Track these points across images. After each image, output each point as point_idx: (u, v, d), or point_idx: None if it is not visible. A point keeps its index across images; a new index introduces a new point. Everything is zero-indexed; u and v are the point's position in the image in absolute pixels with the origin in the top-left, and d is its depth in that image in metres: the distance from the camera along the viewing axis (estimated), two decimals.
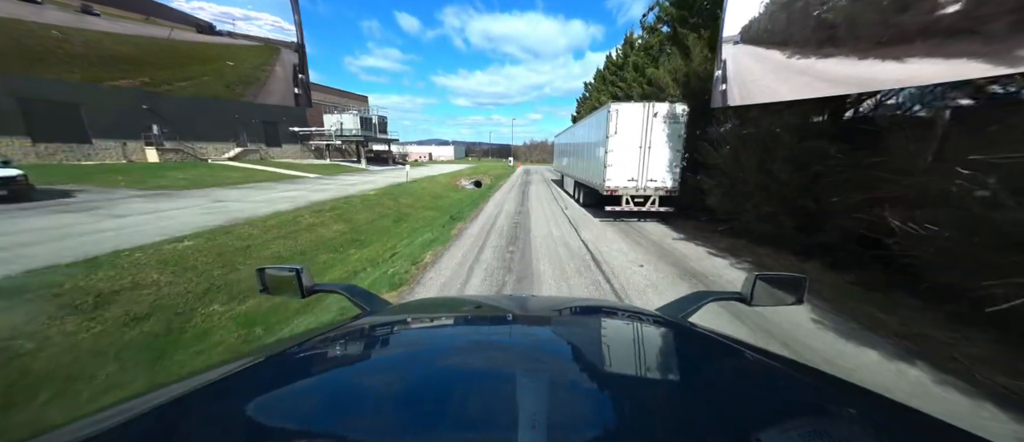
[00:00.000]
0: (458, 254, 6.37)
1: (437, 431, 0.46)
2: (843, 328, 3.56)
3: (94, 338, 3.96)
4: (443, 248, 6.77)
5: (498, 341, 0.85)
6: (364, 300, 1.23)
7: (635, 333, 0.94)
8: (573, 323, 1.06)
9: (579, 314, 1.17)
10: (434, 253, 6.40)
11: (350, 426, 0.49)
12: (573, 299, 3.15)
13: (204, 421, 0.51)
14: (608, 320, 1.08)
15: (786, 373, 0.72)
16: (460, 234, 8.16)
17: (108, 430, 0.46)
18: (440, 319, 1.09)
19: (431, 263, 5.84)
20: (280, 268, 1.19)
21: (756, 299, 1.13)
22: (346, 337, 0.86)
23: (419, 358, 0.75)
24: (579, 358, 0.77)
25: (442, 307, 1.35)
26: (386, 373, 0.67)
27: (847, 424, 0.55)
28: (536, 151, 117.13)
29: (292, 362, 0.71)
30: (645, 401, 0.58)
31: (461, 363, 0.70)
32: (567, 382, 0.63)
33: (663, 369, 0.76)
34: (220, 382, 0.59)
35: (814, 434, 0.50)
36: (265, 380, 0.64)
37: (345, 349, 0.81)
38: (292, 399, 0.58)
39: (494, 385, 0.60)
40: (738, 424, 0.51)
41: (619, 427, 0.50)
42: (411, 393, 0.56)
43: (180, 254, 6.31)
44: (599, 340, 0.91)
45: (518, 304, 1.20)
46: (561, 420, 0.47)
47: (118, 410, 0.51)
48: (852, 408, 0.59)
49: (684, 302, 1.23)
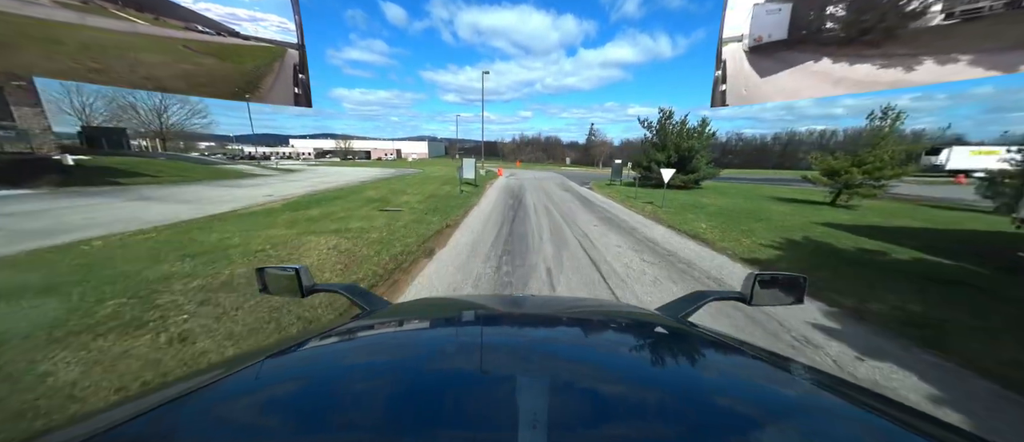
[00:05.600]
0: None
1: (437, 431, 0.46)
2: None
3: None
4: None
5: (498, 341, 0.86)
6: (364, 300, 1.22)
7: (635, 333, 0.97)
8: (573, 323, 1.04)
9: (579, 314, 1.17)
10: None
11: (350, 426, 0.49)
12: (573, 299, 2.91)
13: (204, 421, 0.50)
14: (608, 320, 1.10)
15: (786, 373, 0.72)
16: None
17: (108, 430, 0.46)
18: (440, 319, 1.07)
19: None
20: (280, 268, 1.19)
21: (756, 299, 1.15)
22: (346, 337, 0.86)
23: (419, 358, 0.74)
24: (579, 358, 0.77)
25: (442, 307, 1.31)
26: (386, 373, 0.65)
27: (847, 424, 0.54)
28: (528, 149, 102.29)
29: (292, 362, 0.71)
30: (645, 401, 0.58)
31: (461, 363, 0.71)
32: (567, 382, 0.62)
33: (663, 369, 0.75)
34: (220, 382, 0.59)
35: (814, 434, 0.50)
36: (265, 380, 0.62)
37: (345, 349, 0.80)
38: (292, 399, 0.56)
39: (494, 385, 0.60)
40: (738, 424, 0.51)
41: (619, 427, 0.48)
42: (411, 393, 0.55)
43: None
44: (599, 340, 0.92)
45: (518, 304, 1.25)
46: (561, 420, 0.47)
47: (118, 410, 0.51)
48: (852, 408, 0.58)
49: (684, 302, 1.23)
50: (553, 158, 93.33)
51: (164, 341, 2.83)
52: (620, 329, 0.98)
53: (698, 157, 17.48)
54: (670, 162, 17.19)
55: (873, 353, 3.05)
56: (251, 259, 4.95)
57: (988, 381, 2.71)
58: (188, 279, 4.10)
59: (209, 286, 3.94)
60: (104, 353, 2.63)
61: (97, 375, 2.38)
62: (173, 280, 4.06)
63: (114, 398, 2.20)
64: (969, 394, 2.57)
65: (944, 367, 2.88)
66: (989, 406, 2.45)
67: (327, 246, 5.75)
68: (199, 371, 0.66)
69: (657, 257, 5.99)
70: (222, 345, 2.83)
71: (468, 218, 9.07)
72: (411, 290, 4.31)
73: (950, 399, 2.49)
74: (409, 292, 4.26)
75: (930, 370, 2.83)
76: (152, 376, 2.42)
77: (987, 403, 2.48)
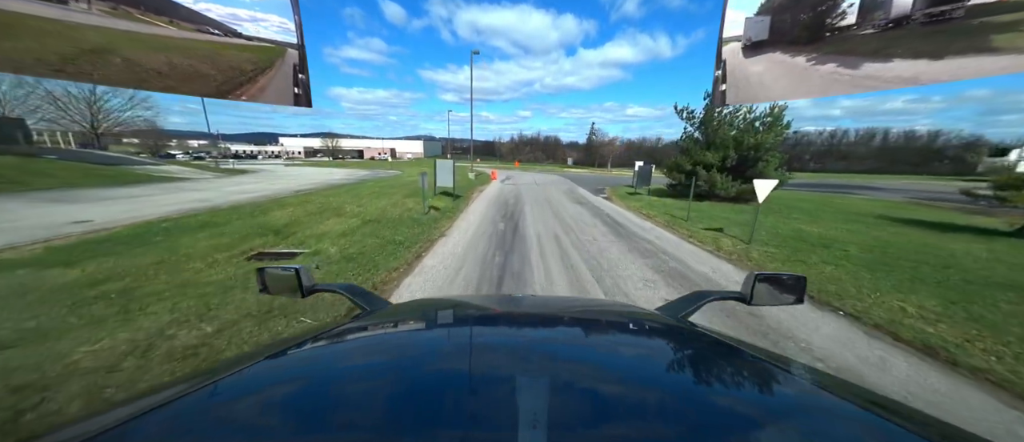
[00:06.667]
0: None
1: (438, 431, 0.45)
2: None
3: None
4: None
5: (498, 341, 0.85)
6: (364, 300, 1.22)
7: (635, 333, 0.95)
8: (573, 323, 1.03)
9: (579, 314, 1.16)
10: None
11: (351, 426, 0.48)
12: (573, 299, 2.94)
13: (204, 421, 0.49)
14: (608, 320, 1.08)
15: (786, 373, 0.70)
16: None
17: (108, 430, 0.45)
18: (440, 319, 1.04)
19: None
20: (280, 268, 1.18)
21: (756, 298, 1.14)
22: (346, 337, 0.84)
23: (419, 358, 0.73)
24: (579, 358, 0.76)
25: (442, 307, 1.24)
26: (386, 373, 0.64)
27: (847, 424, 0.54)
28: (526, 148, 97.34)
29: (292, 362, 0.70)
30: (645, 401, 0.57)
31: (461, 363, 0.70)
32: (567, 382, 0.61)
33: (663, 369, 0.74)
34: (220, 382, 0.58)
35: (814, 434, 0.49)
36: (265, 380, 0.62)
37: (345, 349, 0.79)
38: (292, 399, 0.55)
39: (494, 385, 0.59)
40: (738, 424, 0.51)
41: (619, 427, 0.48)
42: (411, 393, 0.55)
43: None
44: (599, 340, 0.91)
45: (517, 304, 1.24)
46: (562, 420, 0.47)
47: (118, 411, 0.50)
48: (852, 408, 0.57)
49: (684, 302, 1.22)
50: (553, 158, 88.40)
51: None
52: (620, 329, 0.98)
53: (767, 158, 12.59)
54: (726, 165, 12.53)
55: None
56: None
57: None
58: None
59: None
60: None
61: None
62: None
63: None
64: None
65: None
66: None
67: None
68: (199, 371, 0.65)
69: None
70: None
71: (402, 291, 4.37)
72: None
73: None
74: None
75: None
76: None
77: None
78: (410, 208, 9.74)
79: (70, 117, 30.19)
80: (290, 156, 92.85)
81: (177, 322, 3.16)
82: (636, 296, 4.21)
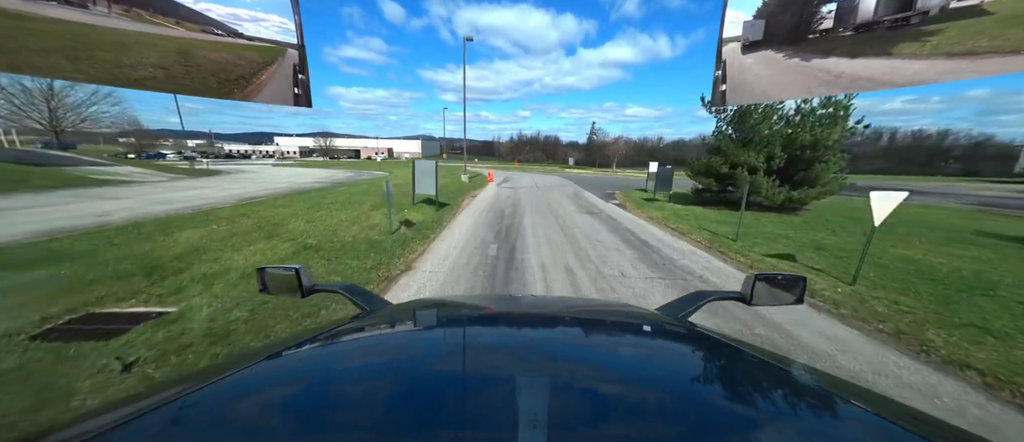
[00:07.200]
0: None
1: (438, 431, 0.45)
2: None
3: None
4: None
5: (498, 341, 0.85)
6: (364, 300, 1.21)
7: (635, 333, 0.95)
8: (573, 323, 1.03)
9: (579, 314, 1.15)
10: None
11: (350, 426, 0.48)
12: (573, 299, 2.91)
13: (203, 421, 0.48)
14: (607, 320, 1.08)
15: (786, 373, 0.70)
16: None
17: (108, 430, 0.45)
18: (440, 319, 1.04)
19: None
20: (280, 268, 1.17)
21: (756, 298, 1.13)
22: (346, 337, 0.84)
23: (419, 358, 0.72)
24: (579, 358, 0.75)
25: (442, 307, 1.25)
26: (386, 373, 0.64)
27: (847, 424, 0.54)
28: (526, 148, 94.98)
29: (292, 362, 0.69)
30: (645, 401, 0.57)
31: (461, 363, 0.69)
32: (567, 382, 0.60)
33: (663, 369, 0.73)
34: (219, 382, 0.57)
35: (814, 434, 0.49)
36: (265, 380, 0.61)
37: (345, 349, 0.78)
38: (292, 399, 0.55)
39: (494, 385, 0.59)
40: (737, 424, 0.50)
41: (619, 427, 0.47)
42: (411, 393, 0.54)
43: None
44: (599, 340, 0.91)
45: (518, 304, 1.24)
46: (562, 420, 0.47)
47: (118, 411, 0.50)
48: (852, 408, 0.57)
49: (684, 302, 1.22)
50: (553, 159, 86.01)
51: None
52: (620, 329, 0.98)
53: (827, 160, 10.25)
54: (772, 166, 10.29)
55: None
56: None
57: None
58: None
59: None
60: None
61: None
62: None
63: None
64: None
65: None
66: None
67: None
68: (198, 371, 0.65)
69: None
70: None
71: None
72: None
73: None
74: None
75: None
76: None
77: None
78: (375, 224, 7.52)
79: (25, 113, 27.64)
80: (284, 156, 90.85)
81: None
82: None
